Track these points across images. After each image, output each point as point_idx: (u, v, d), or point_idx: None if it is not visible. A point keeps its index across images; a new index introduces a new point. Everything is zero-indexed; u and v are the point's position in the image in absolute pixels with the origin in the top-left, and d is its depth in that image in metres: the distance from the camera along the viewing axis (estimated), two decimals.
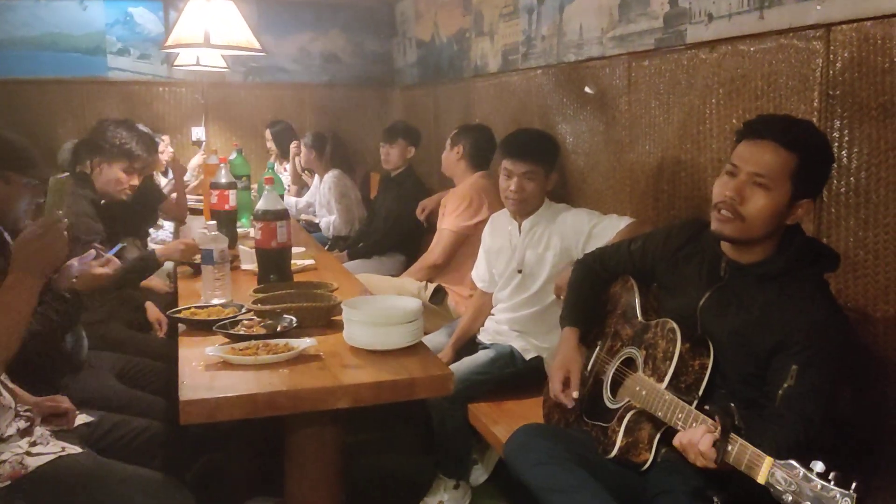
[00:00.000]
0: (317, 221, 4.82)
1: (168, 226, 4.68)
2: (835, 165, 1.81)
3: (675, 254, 1.80)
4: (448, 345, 2.70)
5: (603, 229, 2.37)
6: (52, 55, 5.17)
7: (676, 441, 1.46)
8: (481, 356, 2.55)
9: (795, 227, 1.61)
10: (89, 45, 5.26)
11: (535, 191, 2.49)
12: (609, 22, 2.76)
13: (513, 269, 2.57)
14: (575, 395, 1.88)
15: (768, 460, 1.25)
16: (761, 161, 1.54)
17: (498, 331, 2.64)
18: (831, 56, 1.83)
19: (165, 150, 5.09)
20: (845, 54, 1.79)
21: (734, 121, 2.17)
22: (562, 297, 2.32)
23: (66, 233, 1.58)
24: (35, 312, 1.63)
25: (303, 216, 4.98)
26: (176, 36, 2.62)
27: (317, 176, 4.87)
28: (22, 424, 1.71)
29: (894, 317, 1.71)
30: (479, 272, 2.78)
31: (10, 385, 1.77)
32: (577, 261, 2.16)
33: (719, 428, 1.35)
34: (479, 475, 2.72)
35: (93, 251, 2.15)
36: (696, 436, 1.39)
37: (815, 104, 1.87)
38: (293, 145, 5.18)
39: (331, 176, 4.57)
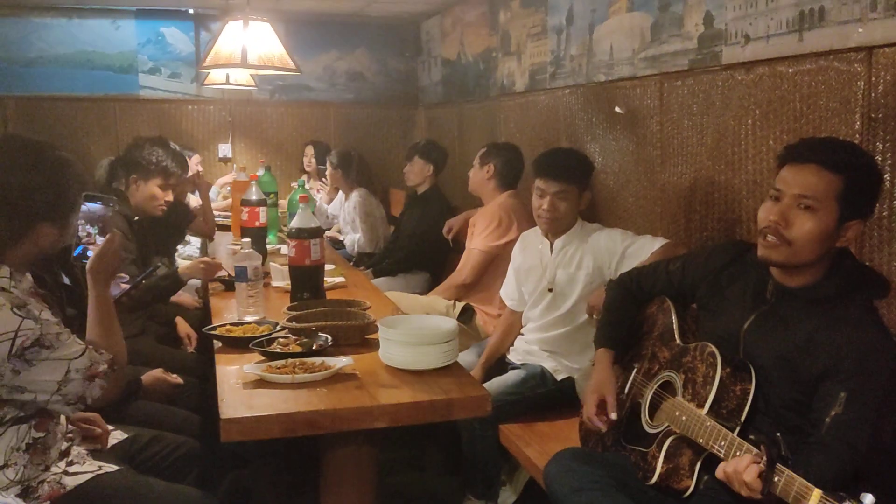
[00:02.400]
0: (341, 239, 4.85)
1: (195, 241, 4.72)
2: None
3: (718, 275, 1.77)
4: (478, 364, 2.68)
5: (637, 250, 2.36)
6: (86, 73, 5.28)
7: (720, 472, 1.43)
8: (512, 376, 2.54)
9: (845, 251, 1.59)
10: (122, 63, 5.36)
11: (567, 210, 2.49)
12: (641, 43, 2.77)
13: (543, 288, 2.56)
14: (613, 416, 1.84)
15: (816, 492, 1.22)
16: (806, 183, 1.52)
17: (528, 350, 2.63)
18: (873, 78, 1.81)
19: (196, 167, 5.15)
20: (888, 77, 1.78)
21: (771, 142, 2.15)
22: (594, 317, 2.31)
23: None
24: None
25: (328, 233, 5.00)
26: (215, 55, 2.66)
27: (341, 193, 4.90)
28: (63, 445, 1.72)
29: None
30: (509, 291, 2.77)
31: None
32: (611, 280, 2.14)
33: (765, 458, 1.33)
34: (507, 497, 2.69)
35: (125, 275, 2.22)
36: (741, 466, 1.37)
37: (857, 126, 1.86)
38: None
39: (356, 195, 4.59)
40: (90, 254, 1.76)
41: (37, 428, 1.60)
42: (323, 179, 5.34)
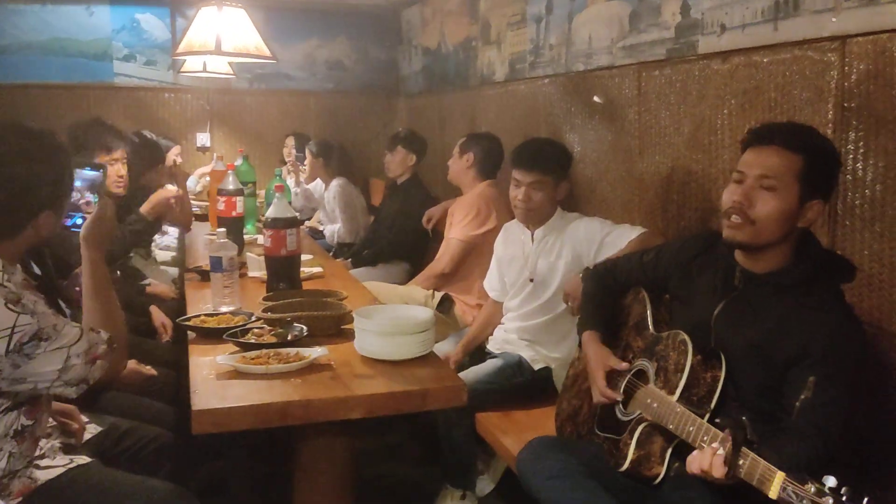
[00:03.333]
0: (321, 229, 4.82)
1: (173, 231, 4.67)
2: (850, 178, 1.81)
3: (689, 265, 1.79)
4: (459, 344, 2.69)
5: (615, 238, 2.37)
6: (59, 60, 5.19)
7: (690, 470, 1.44)
8: (489, 365, 2.54)
9: (810, 236, 1.61)
10: (96, 50, 5.27)
11: (542, 200, 2.49)
12: (619, 32, 2.76)
13: (525, 278, 2.56)
14: (624, 365, 1.82)
15: (780, 475, 1.23)
16: (768, 164, 1.55)
17: (507, 339, 2.63)
18: (847, 68, 1.82)
19: (176, 158, 5.10)
20: (861, 66, 1.79)
21: (746, 132, 2.16)
22: (569, 304, 2.32)
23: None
24: None
25: (307, 223, 4.97)
26: (188, 42, 2.62)
27: (320, 182, 4.87)
28: (43, 442, 1.70)
29: None
30: (491, 281, 2.77)
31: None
32: (587, 269, 2.16)
33: (730, 441, 1.34)
34: (484, 485, 2.70)
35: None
36: (706, 463, 1.37)
37: (830, 116, 1.87)
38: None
39: (336, 184, 4.57)
40: (79, 221, 1.72)
41: (27, 415, 1.57)
42: (302, 167, 5.30)
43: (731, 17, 2.18)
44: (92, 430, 1.91)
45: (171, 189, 2.81)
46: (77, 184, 1.73)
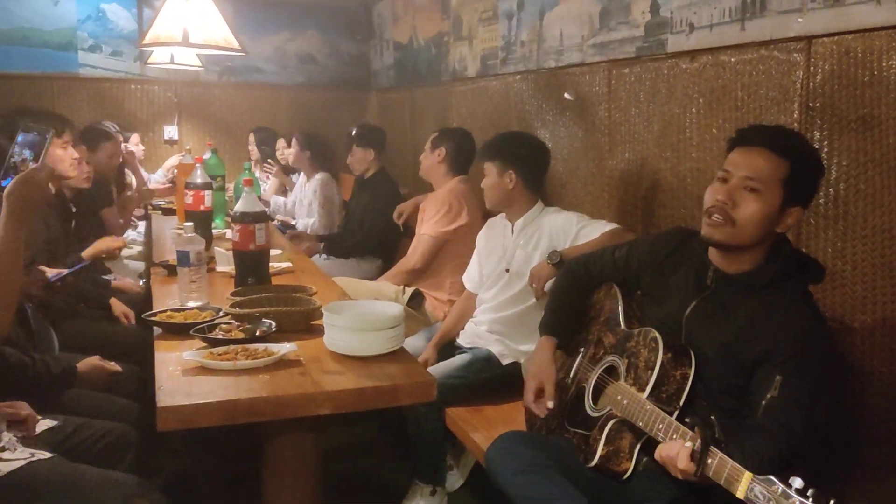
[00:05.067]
0: (293, 223, 4.78)
1: (141, 225, 4.61)
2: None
3: (662, 262, 1.79)
4: (430, 344, 2.69)
5: (590, 232, 2.39)
6: (23, 50, 5.06)
7: (657, 455, 1.46)
8: (457, 360, 2.55)
9: (783, 238, 1.62)
10: (60, 40, 5.15)
11: (487, 187, 2.57)
12: (590, 29, 2.78)
13: (502, 269, 2.58)
14: (550, 404, 1.88)
15: (747, 475, 1.24)
16: (754, 166, 1.55)
17: (477, 333, 2.64)
18: (812, 68, 1.85)
19: (135, 147, 5.01)
20: (826, 67, 1.82)
21: (714, 130, 2.19)
22: (533, 286, 2.35)
23: (48, 183, 1.58)
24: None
25: (278, 217, 4.93)
26: (154, 34, 2.57)
27: (302, 175, 4.83)
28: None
29: (871, 327, 1.74)
30: (470, 273, 2.80)
31: None
32: (554, 251, 2.26)
33: (699, 440, 1.35)
34: (454, 481, 2.71)
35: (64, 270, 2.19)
36: (674, 451, 1.39)
37: (795, 115, 1.90)
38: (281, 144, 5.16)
39: (318, 179, 4.53)
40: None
41: None
42: (265, 166, 5.24)
43: (699, 17, 2.21)
44: (46, 423, 1.88)
45: (118, 240, 2.96)
46: (18, 139, 1.65)
